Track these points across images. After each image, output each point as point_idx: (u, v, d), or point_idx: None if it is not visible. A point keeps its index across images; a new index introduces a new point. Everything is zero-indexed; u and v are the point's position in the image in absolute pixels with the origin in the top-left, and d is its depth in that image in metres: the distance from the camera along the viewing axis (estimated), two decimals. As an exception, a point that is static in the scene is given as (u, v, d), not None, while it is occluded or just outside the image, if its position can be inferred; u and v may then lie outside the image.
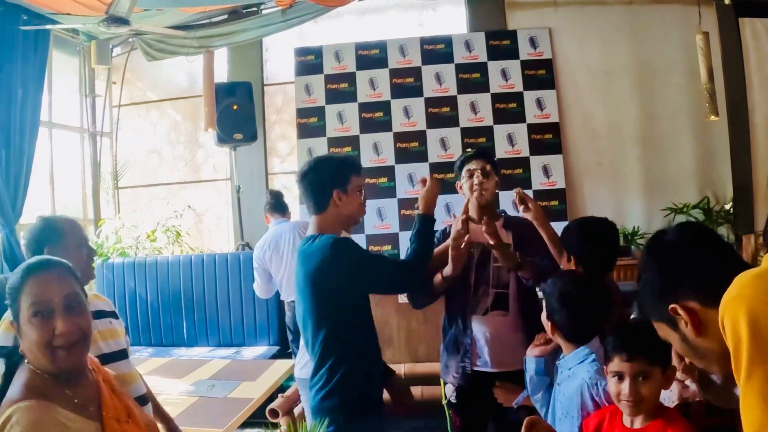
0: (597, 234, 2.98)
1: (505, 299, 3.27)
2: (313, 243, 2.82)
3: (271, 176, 7.79)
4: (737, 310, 1.24)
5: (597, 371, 2.35)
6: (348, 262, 2.76)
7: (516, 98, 7.33)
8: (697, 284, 1.43)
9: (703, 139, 7.28)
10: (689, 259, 1.48)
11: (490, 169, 3.37)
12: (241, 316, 6.15)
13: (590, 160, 7.38)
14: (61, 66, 7.27)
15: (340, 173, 2.88)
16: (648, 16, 7.39)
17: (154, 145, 8.14)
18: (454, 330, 3.38)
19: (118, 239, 6.99)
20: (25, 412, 1.68)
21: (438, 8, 7.81)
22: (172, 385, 4.13)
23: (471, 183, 3.35)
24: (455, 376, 3.35)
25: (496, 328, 3.28)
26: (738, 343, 1.23)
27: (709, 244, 1.53)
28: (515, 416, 2.91)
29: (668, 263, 1.51)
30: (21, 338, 1.82)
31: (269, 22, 7.07)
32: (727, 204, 7.17)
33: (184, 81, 8.09)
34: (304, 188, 2.91)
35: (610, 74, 7.41)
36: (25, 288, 1.83)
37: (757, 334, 1.20)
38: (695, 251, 1.51)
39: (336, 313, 2.80)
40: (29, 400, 1.71)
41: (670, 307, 1.44)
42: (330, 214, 2.87)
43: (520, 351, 3.01)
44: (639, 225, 7.12)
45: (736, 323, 1.23)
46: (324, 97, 7.47)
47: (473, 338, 3.30)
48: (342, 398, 2.75)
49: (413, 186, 7.20)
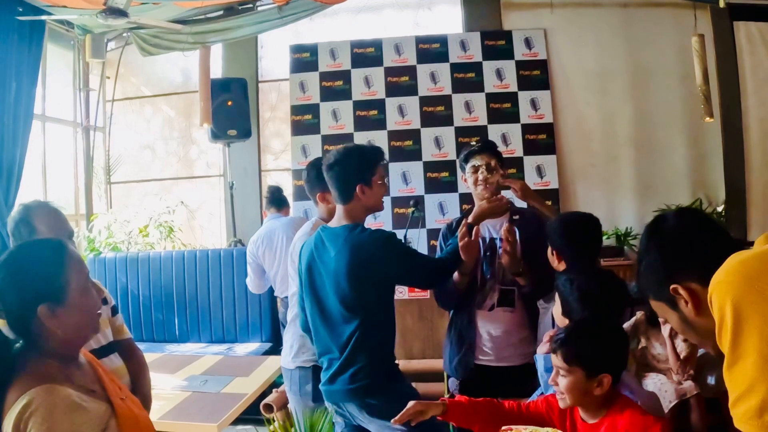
0: (579, 229, 2.98)
1: (511, 296, 3.28)
2: (362, 234, 2.92)
3: (265, 173, 7.78)
4: (724, 294, 1.32)
5: None
6: (398, 259, 2.93)
7: (510, 98, 7.35)
8: (698, 266, 1.48)
9: (696, 142, 7.32)
10: (690, 243, 1.55)
11: (495, 164, 3.38)
12: (233, 313, 6.14)
13: (584, 161, 7.40)
14: (55, 59, 7.24)
15: (365, 167, 2.98)
16: (643, 18, 7.42)
17: (147, 141, 8.11)
18: (460, 324, 3.39)
19: (110, 234, 6.96)
20: (45, 395, 1.66)
21: (434, 7, 7.81)
22: (165, 380, 4.12)
23: (476, 178, 3.37)
24: (458, 370, 3.36)
25: (502, 324, 3.30)
26: (722, 324, 1.32)
27: (707, 228, 1.59)
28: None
29: (670, 246, 1.57)
30: (65, 315, 1.81)
31: (265, 18, 7.05)
32: (720, 206, 7.20)
33: (178, 77, 8.07)
34: (330, 179, 3.01)
35: (604, 76, 7.44)
36: (69, 263, 1.85)
37: (739, 319, 1.28)
38: (696, 235, 1.57)
39: (374, 302, 2.90)
40: (45, 384, 1.69)
41: (672, 287, 1.50)
42: (355, 204, 2.98)
43: (525, 346, 3.04)
44: (631, 226, 7.14)
45: (723, 306, 1.31)
46: (319, 95, 7.47)
47: (478, 333, 3.32)
48: (373, 380, 2.86)
49: (407, 184, 7.22)
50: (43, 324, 1.78)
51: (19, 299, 1.78)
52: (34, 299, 1.77)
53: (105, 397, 1.86)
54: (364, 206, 3.00)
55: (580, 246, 2.93)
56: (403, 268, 2.97)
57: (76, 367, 1.87)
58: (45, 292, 1.79)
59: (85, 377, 1.87)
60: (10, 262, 1.82)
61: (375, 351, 2.89)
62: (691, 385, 3.78)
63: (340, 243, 2.92)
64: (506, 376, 3.23)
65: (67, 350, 1.86)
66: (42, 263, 1.83)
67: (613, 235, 7.13)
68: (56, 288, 1.80)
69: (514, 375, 3.19)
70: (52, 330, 1.79)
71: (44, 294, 1.79)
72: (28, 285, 1.79)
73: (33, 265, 1.82)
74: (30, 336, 1.81)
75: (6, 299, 1.76)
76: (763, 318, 1.25)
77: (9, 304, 1.77)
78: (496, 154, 3.43)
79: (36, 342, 1.80)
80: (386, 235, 2.94)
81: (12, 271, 1.80)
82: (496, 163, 3.39)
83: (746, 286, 1.30)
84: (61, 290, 1.80)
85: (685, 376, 3.79)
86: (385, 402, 2.74)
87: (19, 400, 1.65)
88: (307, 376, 3.25)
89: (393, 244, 2.94)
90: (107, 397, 1.87)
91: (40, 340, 1.80)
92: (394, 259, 2.91)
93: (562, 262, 2.93)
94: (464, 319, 3.36)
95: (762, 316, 1.25)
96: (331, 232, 2.99)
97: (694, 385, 3.78)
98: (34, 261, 1.83)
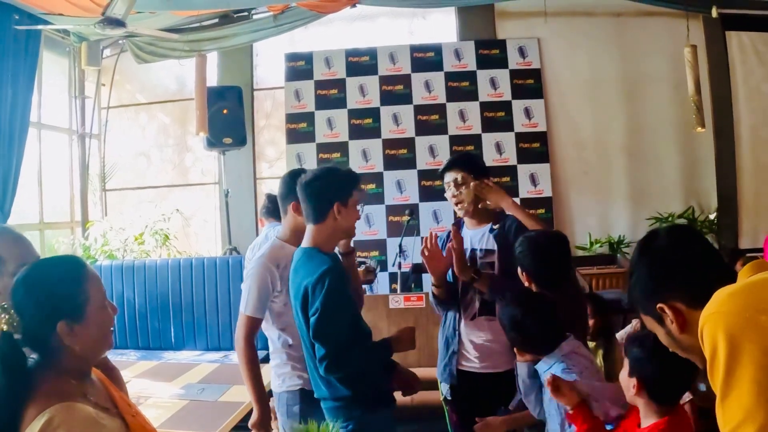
0: (546, 250, 2.97)
1: (491, 304, 3.28)
2: (310, 260, 2.81)
3: (260, 181, 7.81)
4: (716, 326, 1.32)
5: (563, 371, 2.51)
6: (320, 301, 2.69)
7: (504, 107, 7.40)
8: (683, 287, 1.51)
9: (688, 150, 7.39)
10: (677, 263, 1.56)
11: (463, 178, 3.36)
12: (229, 320, 6.12)
13: (577, 169, 7.45)
14: (50, 67, 7.24)
15: (344, 186, 2.85)
16: (635, 28, 7.49)
17: (142, 148, 8.13)
18: (445, 332, 3.45)
19: (106, 242, 6.96)
20: (66, 413, 1.65)
21: (428, 16, 7.85)
22: (161, 388, 4.13)
23: (450, 194, 3.40)
24: (445, 376, 3.43)
25: (484, 333, 3.32)
26: (714, 356, 1.33)
27: (696, 249, 1.61)
28: (506, 413, 3.03)
29: (657, 265, 1.59)
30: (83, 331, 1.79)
31: (260, 27, 7.09)
32: (712, 214, 7.26)
33: (173, 84, 8.09)
34: (306, 195, 2.85)
35: (597, 85, 7.51)
36: (87, 280, 1.84)
37: (733, 350, 1.29)
38: (683, 255, 1.58)
39: (322, 331, 2.75)
40: (65, 402, 1.68)
41: (658, 306, 1.53)
42: (327, 225, 2.83)
43: (508, 354, 3.05)
44: (624, 234, 7.20)
45: (715, 338, 1.32)
46: (314, 103, 7.52)
47: (461, 341, 3.37)
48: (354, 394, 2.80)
49: (401, 192, 7.25)
50: (61, 340, 1.76)
51: (38, 316, 1.76)
52: (54, 316, 1.76)
53: (118, 414, 1.86)
54: (337, 227, 2.84)
55: (548, 268, 2.94)
56: (319, 314, 2.70)
57: (90, 384, 1.87)
58: (65, 309, 1.77)
59: (99, 394, 1.86)
60: (29, 278, 1.80)
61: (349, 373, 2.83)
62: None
63: (294, 262, 2.91)
64: (491, 382, 3.27)
65: (82, 367, 1.85)
66: (61, 280, 1.82)
67: (606, 243, 7.18)
68: (76, 305, 1.79)
69: (499, 381, 3.23)
70: (70, 347, 1.77)
71: (64, 310, 1.77)
72: (47, 301, 1.77)
73: (52, 281, 1.81)
74: (47, 352, 1.79)
75: (25, 315, 1.74)
76: (757, 346, 1.26)
77: (27, 320, 1.75)
78: (465, 167, 3.40)
79: (52, 358, 1.78)
80: (323, 272, 2.71)
81: (31, 287, 1.78)
82: (466, 176, 3.36)
83: (738, 318, 1.31)
84: (80, 307, 1.79)
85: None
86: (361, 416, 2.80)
87: (38, 417, 1.63)
88: (294, 398, 3.20)
89: (324, 285, 2.69)
90: (120, 414, 1.87)
91: (56, 356, 1.78)
92: (319, 300, 2.69)
93: (532, 284, 2.95)
94: (449, 327, 3.42)
95: (756, 345, 1.27)
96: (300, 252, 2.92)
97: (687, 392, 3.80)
98: (53, 277, 1.82)
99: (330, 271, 2.71)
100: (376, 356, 2.93)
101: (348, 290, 2.83)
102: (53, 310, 1.77)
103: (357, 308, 2.98)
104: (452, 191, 3.37)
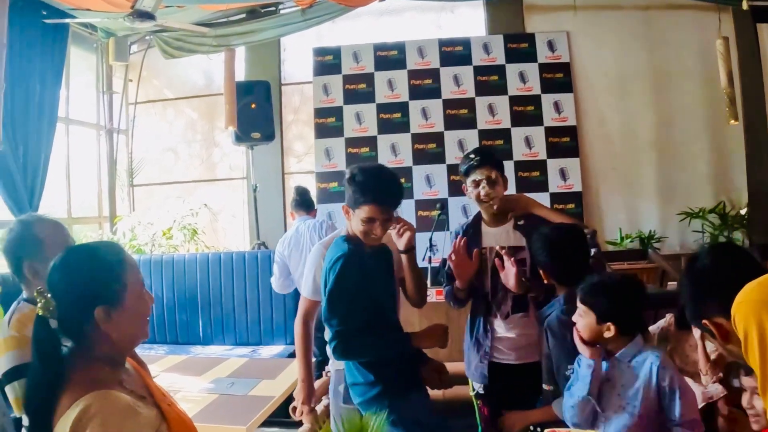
0: (560, 244, 2.90)
1: (524, 301, 3.25)
2: (335, 246, 2.98)
3: (288, 176, 7.79)
4: (746, 313, 1.53)
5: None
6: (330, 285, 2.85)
7: (534, 101, 7.34)
8: (722, 303, 1.65)
9: (718, 145, 7.29)
10: (717, 282, 1.76)
11: (495, 176, 3.30)
12: (258, 315, 6.12)
13: (606, 164, 7.39)
14: (78, 62, 7.29)
15: (352, 196, 2.90)
16: (664, 21, 7.41)
17: (169, 143, 8.15)
18: (476, 332, 3.39)
19: (134, 236, 6.99)
20: (102, 401, 1.63)
21: (456, 10, 7.80)
22: (191, 382, 4.10)
23: (477, 194, 3.30)
24: (476, 375, 3.38)
25: (518, 329, 3.28)
26: (747, 340, 1.52)
27: (737, 266, 1.79)
28: (541, 405, 2.99)
29: (699, 286, 1.82)
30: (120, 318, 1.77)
31: (287, 21, 7.06)
32: (743, 209, 7.17)
33: (201, 79, 8.10)
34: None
35: (626, 78, 7.45)
36: (126, 266, 1.83)
37: (763, 335, 1.47)
38: (722, 274, 1.78)
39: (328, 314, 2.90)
40: (101, 390, 1.66)
41: (702, 322, 1.75)
42: (348, 222, 2.99)
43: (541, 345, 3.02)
44: (655, 229, 7.12)
45: (746, 325, 1.52)
46: (342, 98, 7.49)
47: (496, 338, 3.32)
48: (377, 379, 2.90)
49: (430, 187, 7.21)
50: (98, 327, 1.74)
51: (75, 301, 1.73)
52: (92, 301, 1.73)
53: (153, 402, 1.82)
54: (350, 227, 2.98)
55: (564, 262, 2.90)
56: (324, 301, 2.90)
57: (125, 373, 1.84)
58: (103, 295, 1.75)
59: (134, 383, 1.83)
60: (67, 263, 1.78)
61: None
62: (719, 388, 3.74)
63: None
64: (527, 372, 3.21)
65: (117, 354, 1.82)
66: (100, 265, 1.79)
67: (637, 238, 7.10)
68: (114, 291, 1.76)
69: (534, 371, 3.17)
70: (107, 333, 1.75)
71: (102, 296, 1.75)
72: (85, 287, 1.75)
73: (91, 266, 1.79)
74: (82, 339, 1.77)
75: (61, 300, 1.71)
76: None
77: (64, 305, 1.72)
78: (496, 166, 3.34)
79: (88, 345, 1.76)
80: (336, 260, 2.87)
81: (69, 272, 1.75)
82: (498, 175, 3.31)
83: (765, 304, 1.49)
84: (118, 293, 1.76)
85: (714, 378, 3.75)
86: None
87: (74, 405, 1.61)
88: (340, 378, 3.24)
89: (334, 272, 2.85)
90: (155, 402, 1.84)
91: (92, 343, 1.76)
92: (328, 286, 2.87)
93: (551, 279, 2.92)
94: (479, 327, 3.37)
95: None
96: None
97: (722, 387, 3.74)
98: (92, 263, 1.80)
99: (342, 257, 2.85)
100: (389, 344, 2.95)
101: (360, 278, 2.85)
102: (91, 295, 1.74)
103: (376, 296, 2.97)
104: (485, 189, 3.29)
